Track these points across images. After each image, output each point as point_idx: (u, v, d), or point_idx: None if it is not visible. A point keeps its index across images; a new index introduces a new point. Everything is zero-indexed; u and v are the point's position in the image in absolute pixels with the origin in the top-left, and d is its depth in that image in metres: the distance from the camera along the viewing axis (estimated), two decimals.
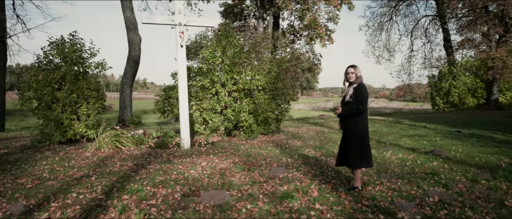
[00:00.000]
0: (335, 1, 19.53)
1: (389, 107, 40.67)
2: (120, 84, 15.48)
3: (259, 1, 19.70)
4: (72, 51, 8.75)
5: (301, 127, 13.68)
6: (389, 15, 31.06)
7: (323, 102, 56.59)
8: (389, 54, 31.30)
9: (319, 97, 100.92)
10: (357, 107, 4.78)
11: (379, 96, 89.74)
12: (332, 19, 19.96)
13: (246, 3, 18.99)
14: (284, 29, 22.59)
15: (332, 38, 20.90)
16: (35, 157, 7.11)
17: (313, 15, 18.46)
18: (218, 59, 10.12)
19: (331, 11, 19.90)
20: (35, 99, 8.58)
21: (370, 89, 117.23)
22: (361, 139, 4.89)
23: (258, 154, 7.67)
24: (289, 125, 14.94)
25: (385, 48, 31.09)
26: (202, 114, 10.06)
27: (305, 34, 21.07)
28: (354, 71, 4.91)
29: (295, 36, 22.28)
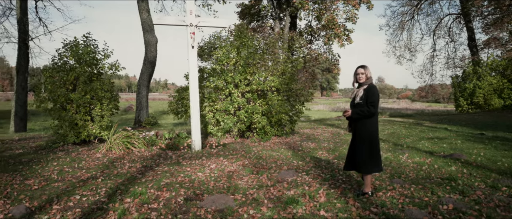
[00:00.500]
0: (354, 1, 19.16)
1: (411, 109, 39.73)
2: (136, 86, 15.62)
3: (275, 1, 19.53)
4: (86, 53, 8.83)
5: (317, 128, 13.44)
6: (410, 14, 30.33)
7: (343, 103, 55.87)
8: (411, 54, 30.57)
9: (339, 98, 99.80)
10: (368, 110, 4.58)
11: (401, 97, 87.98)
12: (351, 18, 19.58)
13: (263, 3, 18.86)
14: (302, 29, 22.35)
15: (351, 38, 20.51)
16: (47, 157, 7.18)
17: (331, 15, 18.15)
18: (231, 60, 10.03)
19: (349, 11, 19.53)
20: (50, 100, 8.69)
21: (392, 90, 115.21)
22: (371, 142, 4.69)
23: (269, 156, 7.52)
24: (305, 126, 14.72)
25: (406, 48, 30.38)
26: (215, 115, 9.99)
27: (322, 34, 20.76)
28: (364, 71, 4.71)
29: (312, 37, 21.98)
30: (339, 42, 19.31)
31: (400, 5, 31.62)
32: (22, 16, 15.37)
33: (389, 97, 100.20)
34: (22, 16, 15.33)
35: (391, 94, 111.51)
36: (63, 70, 8.74)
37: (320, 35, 21.20)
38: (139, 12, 14.86)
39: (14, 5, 15.89)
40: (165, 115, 25.63)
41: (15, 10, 15.69)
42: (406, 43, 30.84)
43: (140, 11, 14.86)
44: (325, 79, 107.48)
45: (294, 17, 20.39)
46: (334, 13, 18.47)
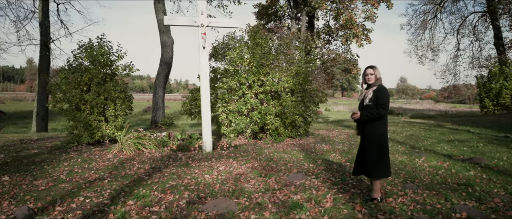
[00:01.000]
0: (373, 0, 18.75)
1: (434, 109, 38.70)
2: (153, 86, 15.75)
3: (292, 1, 19.33)
4: (100, 54, 8.92)
5: (333, 130, 13.19)
6: (433, 12, 29.50)
7: None
8: (433, 53, 29.72)
9: None
10: (378, 112, 4.39)
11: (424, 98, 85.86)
12: (370, 18, 19.17)
13: (279, 3, 18.68)
14: (319, 29, 22.06)
15: (370, 38, 20.09)
16: (60, 158, 7.26)
17: (349, 14, 17.81)
18: (245, 60, 9.94)
19: (368, 10, 19.14)
20: (65, 101, 8.81)
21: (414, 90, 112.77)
22: (381, 145, 4.50)
23: (280, 159, 7.39)
24: (321, 127, 14.49)
25: (429, 48, 29.57)
26: (229, 116, 9.92)
27: (341, 34, 20.42)
28: (374, 72, 4.52)
29: (330, 36, 21.66)
30: (358, 42, 18.94)
31: (422, 3, 30.75)
32: (44, 19, 15.76)
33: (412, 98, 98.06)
34: (43, 19, 15.72)
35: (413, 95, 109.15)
36: (78, 71, 8.85)
37: (338, 35, 20.85)
38: (156, 13, 14.98)
39: (36, 7, 16.30)
40: (184, 116, 25.78)
41: (37, 13, 16.09)
42: (428, 42, 29.99)
43: (156, 12, 14.98)
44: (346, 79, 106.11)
45: (311, 17, 20.14)
46: (352, 12, 18.11)
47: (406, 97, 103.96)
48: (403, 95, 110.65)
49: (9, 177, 5.59)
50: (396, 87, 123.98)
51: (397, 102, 62.40)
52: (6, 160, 7.05)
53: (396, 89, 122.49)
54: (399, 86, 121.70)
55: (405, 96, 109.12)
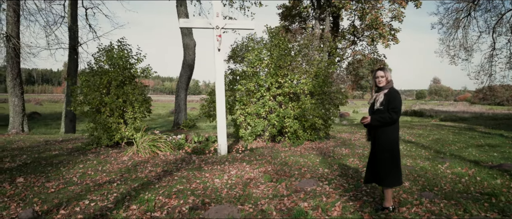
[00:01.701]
0: None
1: (468, 112, 37.08)
2: (175, 88, 15.90)
3: (315, 2, 19.02)
4: (119, 57, 9.04)
5: (356, 133, 12.82)
6: (466, 10, 28.20)
7: None
8: (467, 53, 28.38)
9: None
10: (390, 116, 4.15)
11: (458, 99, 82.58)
12: (397, 17, 18.56)
13: (303, 4, 18.42)
14: (344, 29, 21.59)
15: (397, 38, 19.44)
16: (77, 159, 7.38)
17: (375, 14, 17.29)
18: (263, 62, 9.81)
19: (395, 9, 18.53)
20: (86, 103, 8.98)
21: (448, 92, 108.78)
22: (392, 152, 4.25)
23: (295, 163, 7.20)
24: (344, 130, 14.12)
25: (462, 47, 28.29)
26: (247, 118, 9.81)
27: (366, 34, 19.89)
28: (384, 74, 4.28)
29: (355, 37, 21.15)
30: (384, 43, 18.37)
31: (455, 1, 29.53)
32: (72, 23, 16.25)
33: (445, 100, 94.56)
34: (72, 23, 16.21)
35: (447, 96, 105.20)
36: (98, 74, 9.00)
37: (364, 36, 20.32)
38: (178, 16, 15.11)
39: (66, 12, 16.82)
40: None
41: (66, 18, 16.62)
42: (461, 42, 28.69)
43: (178, 15, 15.11)
44: None
45: (336, 17, 19.74)
46: (378, 12, 17.58)
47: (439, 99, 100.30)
48: (436, 97, 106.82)
49: (24, 178, 5.71)
50: (428, 88, 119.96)
51: (429, 104, 60.29)
52: (26, 161, 7.24)
53: (428, 90, 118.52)
54: (431, 88, 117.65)
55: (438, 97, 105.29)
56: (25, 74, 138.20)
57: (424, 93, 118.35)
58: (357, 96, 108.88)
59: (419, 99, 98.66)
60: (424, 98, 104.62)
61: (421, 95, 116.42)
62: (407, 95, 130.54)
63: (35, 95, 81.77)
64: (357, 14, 18.83)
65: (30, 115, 30.01)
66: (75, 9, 16.38)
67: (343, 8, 17.37)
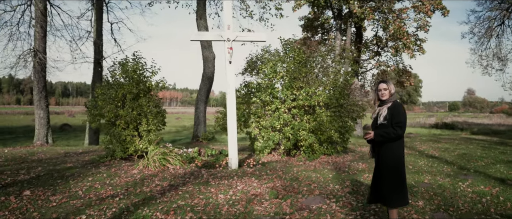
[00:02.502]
0: (426, 7, 17.59)
1: (504, 124, 35.26)
2: (195, 101, 15.99)
3: (336, 12, 18.75)
4: (133, 70, 9.14)
5: None
6: (500, 19, 27.03)
7: (424, 118, 51.71)
8: (501, 63, 27.13)
9: (422, 112, 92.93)
10: (394, 131, 3.90)
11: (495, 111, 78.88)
12: (422, 27, 18.00)
13: (324, 15, 18.19)
14: (368, 40, 21.13)
15: (423, 48, 18.84)
16: (88, 172, 7.44)
17: (398, 24, 16.82)
18: (278, 74, 9.67)
19: (420, 19, 17.97)
20: (101, 116, 9.10)
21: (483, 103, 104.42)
22: (397, 170, 3.99)
23: (306, 178, 6.95)
24: (366, 143, 13.67)
25: (495, 57, 27.10)
26: (261, 131, 9.66)
27: (390, 45, 19.37)
28: (388, 87, 4.04)
29: (379, 47, 20.64)
30: (409, 53, 17.80)
31: (487, 9, 28.41)
32: (97, 38, 16.74)
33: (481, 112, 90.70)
34: (97, 38, 16.70)
35: (482, 108, 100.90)
36: (113, 88, 9.13)
37: (388, 46, 19.79)
38: (198, 29, 15.27)
39: (92, 27, 17.36)
40: None
41: (92, 33, 17.16)
42: (494, 51, 27.48)
43: (198, 28, 15.27)
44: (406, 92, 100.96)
45: (359, 28, 19.37)
46: (401, 22, 17.08)
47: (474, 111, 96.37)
48: (471, 109, 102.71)
49: (31, 191, 5.77)
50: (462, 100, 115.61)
51: (462, 116, 57.95)
52: (40, 173, 7.36)
53: (462, 102, 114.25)
54: (465, 99, 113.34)
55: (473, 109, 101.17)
56: (61, 87, 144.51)
57: (457, 105, 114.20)
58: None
59: (452, 111, 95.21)
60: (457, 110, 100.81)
61: (454, 107, 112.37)
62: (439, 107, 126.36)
63: (70, 107, 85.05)
64: (380, 24, 18.40)
65: (62, 126, 31.09)
66: (100, 24, 16.88)
67: (365, 18, 17.01)
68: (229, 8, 8.09)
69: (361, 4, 17.35)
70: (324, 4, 16.89)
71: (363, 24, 18.01)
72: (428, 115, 70.29)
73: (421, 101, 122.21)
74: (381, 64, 20.54)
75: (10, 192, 5.78)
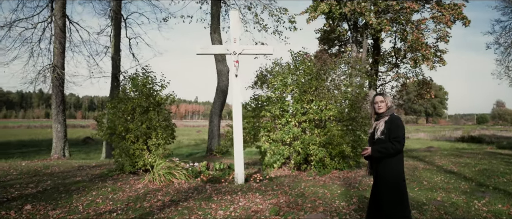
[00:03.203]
0: (445, 18, 17.13)
1: None
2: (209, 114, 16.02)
3: (352, 24, 18.51)
4: (142, 84, 9.20)
5: None
6: None
7: (449, 131, 50.15)
8: None
9: (447, 125, 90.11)
10: (393, 146, 3.70)
11: None
12: (442, 38, 17.52)
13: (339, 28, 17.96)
14: (386, 52, 20.73)
15: (444, 60, 18.32)
16: (94, 186, 7.45)
17: (416, 35, 16.43)
18: (288, 87, 9.53)
19: (440, 29, 17.51)
20: (112, 129, 9.17)
21: None
22: (397, 187, 3.76)
23: (313, 194, 6.73)
24: None
25: None
26: (271, 145, 9.49)
27: (409, 56, 18.92)
28: (384, 99, 3.86)
29: (397, 59, 20.20)
30: (428, 65, 17.31)
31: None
32: (115, 53, 17.09)
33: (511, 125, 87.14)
34: (114, 53, 17.05)
35: None
36: (123, 101, 9.20)
37: (406, 58, 19.35)
38: (212, 43, 15.37)
39: (111, 41, 17.74)
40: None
41: (110, 48, 17.54)
42: None
43: (212, 42, 15.36)
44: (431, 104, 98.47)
45: (376, 39, 19.05)
46: (419, 33, 16.68)
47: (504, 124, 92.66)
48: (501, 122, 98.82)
49: (32, 206, 5.79)
50: (491, 112, 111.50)
51: (491, 130, 55.75)
52: (47, 187, 7.42)
53: (491, 115, 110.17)
54: (494, 112, 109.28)
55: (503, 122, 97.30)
56: (88, 101, 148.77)
57: (486, 117, 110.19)
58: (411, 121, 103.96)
59: (480, 124, 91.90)
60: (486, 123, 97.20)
61: (483, 120, 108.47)
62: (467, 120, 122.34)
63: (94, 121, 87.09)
64: (398, 35, 18.03)
65: (84, 140, 31.73)
66: (118, 40, 17.24)
67: (382, 30, 16.71)
68: (236, 22, 8.07)
69: (378, 16, 17.09)
70: (339, 16, 16.71)
71: (380, 35, 17.70)
72: (454, 127, 68.16)
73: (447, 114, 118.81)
74: (400, 76, 20.08)
75: (12, 206, 5.82)
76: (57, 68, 13.64)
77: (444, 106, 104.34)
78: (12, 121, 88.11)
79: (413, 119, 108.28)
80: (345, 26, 19.04)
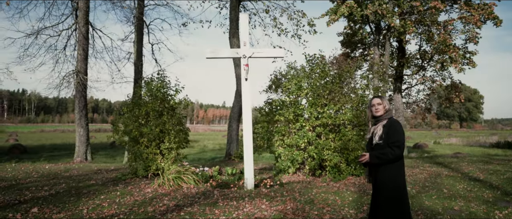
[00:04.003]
0: (474, 18, 16.37)
1: None
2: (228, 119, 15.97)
3: (374, 27, 18.02)
4: (156, 89, 9.25)
5: (417, 167, 11.44)
6: None
7: (484, 136, 47.82)
8: None
9: (483, 130, 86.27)
10: (392, 152, 3.47)
11: None
12: (471, 39, 16.75)
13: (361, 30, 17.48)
14: (412, 54, 20.03)
15: (474, 62, 17.49)
16: (105, 190, 7.51)
17: (442, 36, 15.77)
18: (303, 91, 9.33)
19: (469, 30, 16.75)
20: (126, 133, 9.26)
21: None
22: (398, 194, 3.53)
23: (323, 201, 6.50)
24: (406, 163, 12.69)
25: None
26: (285, 150, 9.31)
27: (436, 58, 18.19)
28: (382, 102, 3.63)
29: (423, 62, 19.48)
30: (456, 67, 16.56)
31: None
32: (137, 59, 17.41)
33: None
34: (137, 59, 17.37)
35: None
36: (137, 106, 9.28)
37: (433, 60, 18.61)
38: (231, 47, 15.35)
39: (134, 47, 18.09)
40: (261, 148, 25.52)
41: (132, 54, 17.88)
42: None
43: (231, 46, 15.35)
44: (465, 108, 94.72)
45: (400, 42, 18.46)
46: (446, 34, 16.00)
47: None
48: None
49: (39, 209, 5.87)
50: None
51: None
52: (59, 190, 7.55)
53: None
54: None
55: None
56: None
57: None
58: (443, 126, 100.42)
59: None
60: None
61: None
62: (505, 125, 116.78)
63: None
64: (423, 37, 17.39)
65: (112, 143, 32.54)
66: (140, 46, 17.56)
67: (406, 32, 16.16)
68: (246, 25, 7.99)
69: (402, 17, 16.55)
70: (361, 19, 16.30)
71: (404, 38, 17.13)
72: (490, 133, 65.09)
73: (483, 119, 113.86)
74: (426, 79, 19.36)
75: (22, 208, 5.93)
76: (80, 74, 14.02)
77: (480, 111, 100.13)
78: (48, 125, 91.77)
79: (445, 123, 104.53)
80: (368, 29, 18.58)
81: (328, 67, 9.47)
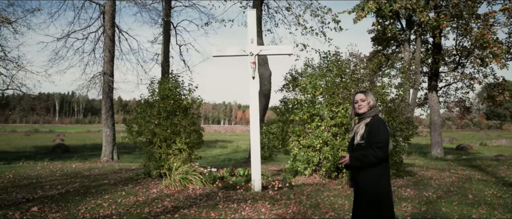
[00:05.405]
0: None
1: None
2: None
3: (405, 22, 17.08)
4: (169, 89, 9.20)
5: (447, 170, 10.66)
6: None
7: None
8: None
9: None
10: (374, 154, 3.09)
11: None
12: None
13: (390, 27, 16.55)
14: (449, 50, 18.81)
15: None
16: (113, 189, 7.53)
17: (480, 31, 14.64)
18: (319, 89, 8.94)
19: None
20: (139, 134, 9.29)
21: None
22: (380, 202, 3.14)
23: (329, 205, 6.12)
24: (437, 166, 11.88)
25: None
26: (300, 151, 8.95)
27: (476, 54, 16.97)
28: (366, 98, 3.25)
29: (460, 58, 18.23)
30: (497, 63, 15.31)
31: None
32: (164, 60, 17.66)
33: None
34: (164, 60, 17.63)
35: None
36: (150, 106, 9.28)
37: (472, 56, 17.37)
38: None
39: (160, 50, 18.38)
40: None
41: (159, 55, 18.18)
42: None
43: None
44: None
45: (433, 36, 17.38)
46: (485, 28, 14.82)
47: None
48: None
49: (39, 208, 5.91)
50: None
51: None
52: (70, 189, 7.65)
53: None
54: None
55: None
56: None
57: None
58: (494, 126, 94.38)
59: None
60: None
61: None
62: None
63: None
64: (459, 32, 16.26)
65: None
66: (167, 47, 17.81)
67: (439, 26, 15.17)
68: (253, 21, 7.76)
69: (436, 11, 15.57)
70: (390, 14, 15.47)
71: (437, 33, 16.10)
72: None
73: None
74: (464, 76, 18.13)
75: (24, 207, 6.01)
76: (106, 75, 14.38)
77: None
78: (94, 126, 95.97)
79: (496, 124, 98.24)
80: (398, 25, 17.67)
81: (344, 64, 8.99)
